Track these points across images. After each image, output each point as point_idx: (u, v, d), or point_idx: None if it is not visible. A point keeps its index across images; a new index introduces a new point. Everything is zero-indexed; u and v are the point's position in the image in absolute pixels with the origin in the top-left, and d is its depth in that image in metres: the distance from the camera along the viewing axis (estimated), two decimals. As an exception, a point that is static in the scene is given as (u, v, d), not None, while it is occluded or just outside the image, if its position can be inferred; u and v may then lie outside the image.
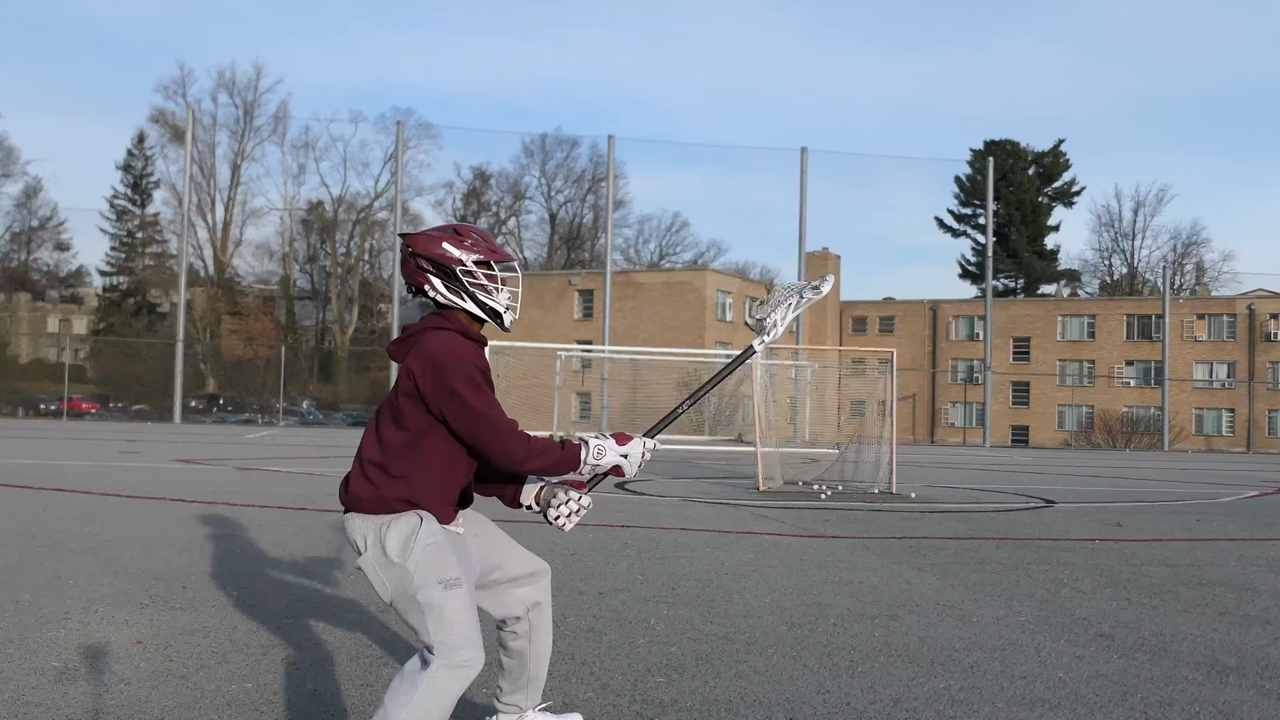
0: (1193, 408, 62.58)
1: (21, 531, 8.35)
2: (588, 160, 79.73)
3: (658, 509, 11.58)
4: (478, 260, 3.16)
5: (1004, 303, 67.12)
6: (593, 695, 4.17)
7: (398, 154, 50.22)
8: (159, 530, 8.63)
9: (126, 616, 5.38)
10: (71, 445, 22.19)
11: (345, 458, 20.18)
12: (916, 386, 64.79)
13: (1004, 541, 9.56)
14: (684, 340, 54.74)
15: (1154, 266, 77.47)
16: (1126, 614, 6.18)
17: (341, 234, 74.72)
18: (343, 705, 3.99)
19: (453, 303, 3.16)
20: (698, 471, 18.66)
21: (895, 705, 4.18)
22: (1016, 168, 74.92)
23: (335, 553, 7.66)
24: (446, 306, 3.18)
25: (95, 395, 53.60)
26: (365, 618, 5.50)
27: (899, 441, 17.23)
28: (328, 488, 13.13)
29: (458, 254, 3.14)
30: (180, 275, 45.28)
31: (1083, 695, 4.38)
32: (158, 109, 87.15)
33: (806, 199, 44.80)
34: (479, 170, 79.06)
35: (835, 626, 5.61)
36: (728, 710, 4.05)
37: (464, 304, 3.16)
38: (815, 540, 9.26)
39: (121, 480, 13.38)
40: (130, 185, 70.09)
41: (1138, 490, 17.66)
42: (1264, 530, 11.37)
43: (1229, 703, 4.34)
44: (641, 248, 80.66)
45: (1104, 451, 45.85)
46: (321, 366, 69.91)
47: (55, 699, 3.95)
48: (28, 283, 76.33)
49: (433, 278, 3.15)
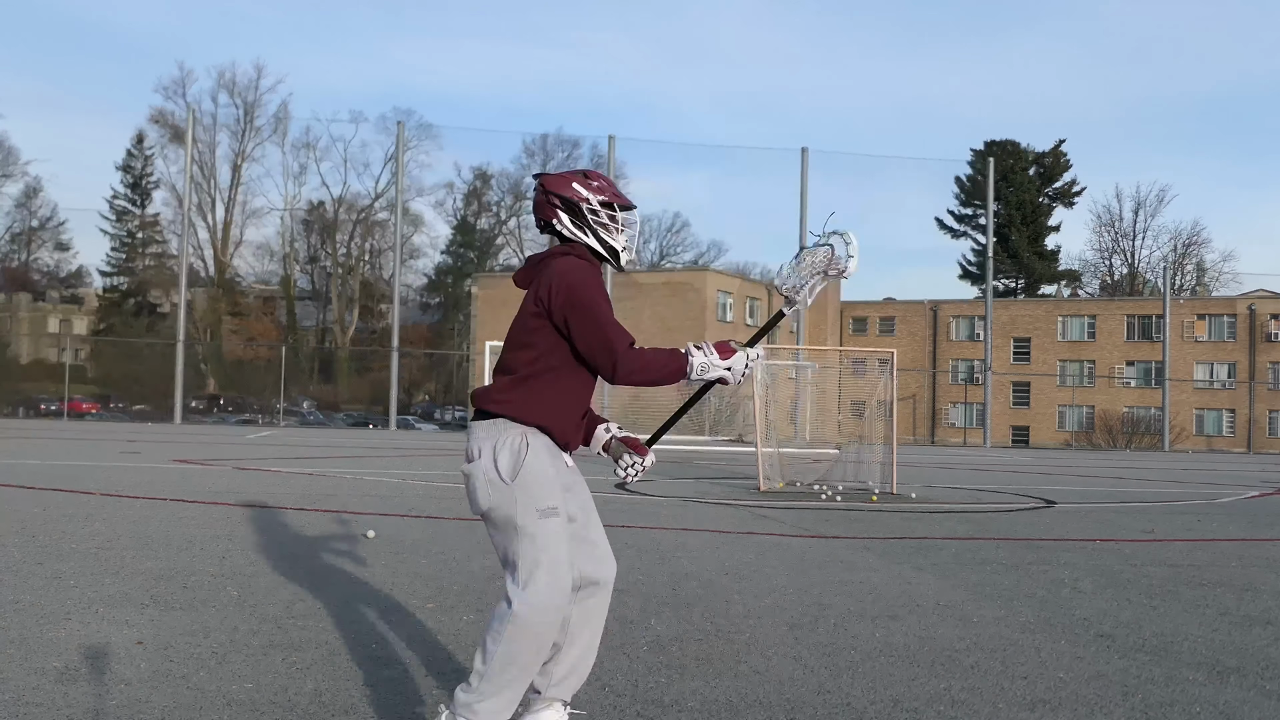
0: (1193, 408, 62.56)
1: (21, 531, 8.34)
2: (589, 161, 79.57)
3: (658, 509, 11.57)
4: (603, 201, 3.44)
5: (1004, 303, 67.11)
6: (593, 695, 4.17)
7: (398, 154, 50.25)
8: (159, 530, 8.63)
9: (126, 616, 5.37)
10: (72, 445, 22.19)
11: (345, 458, 20.18)
12: (917, 387, 64.75)
13: (1004, 542, 9.55)
14: (684, 340, 54.67)
15: (1154, 267, 77.45)
16: (1127, 614, 6.17)
17: (342, 234, 74.74)
18: (343, 705, 3.99)
19: (576, 237, 3.42)
20: (698, 471, 18.66)
21: (895, 706, 4.17)
22: (1017, 168, 74.89)
23: (335, 553, 7.65)
24: (570, 240, 3.43)
25: (96, 395, 53.61)
26: (365, 618, 5.50)
27: (899, 442, 17.23)
28: (328, 488, 13.13)
29: (585, 193, 3.43)
30: (180, 275, 45.29)
31: (1083, 696, 4.38)
32: (158, 109, 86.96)
33: (807, 199, 44.80)
34: (480, 170, 79.02)
35: (835, 627, 5.61)
36: (728, 710, 4.05)
37: (586, 239, 3.43)
38: (815, 540, 9.26)
39: (121, 480, 13.38)
40: (130, 185, 70.12)
41: (1138, 491, 17.65)
42: (1265, 530, 11.37)
43: (1230, 703, 4.33)
44: (642, 248, 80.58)
45: (1104, 452, 45.84)
46: (322, 367, 69.94)
47: (55, 699, 3.95)
48: (28, 283, 76.33)
49: (561, 213, 3.42)
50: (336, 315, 73.77)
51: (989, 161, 52.83)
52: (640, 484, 14.84)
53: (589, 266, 3.37)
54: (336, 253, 74.73)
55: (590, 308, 3.24)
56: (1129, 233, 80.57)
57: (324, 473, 15.93)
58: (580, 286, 3.25)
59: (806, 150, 44.80)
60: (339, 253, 74.93)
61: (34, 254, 76.64)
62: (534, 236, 78.23)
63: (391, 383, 44.45)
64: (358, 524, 9.31)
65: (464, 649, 4.81)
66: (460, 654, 4.76)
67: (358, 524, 9.31)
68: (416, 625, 5.36)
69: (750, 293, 63.43)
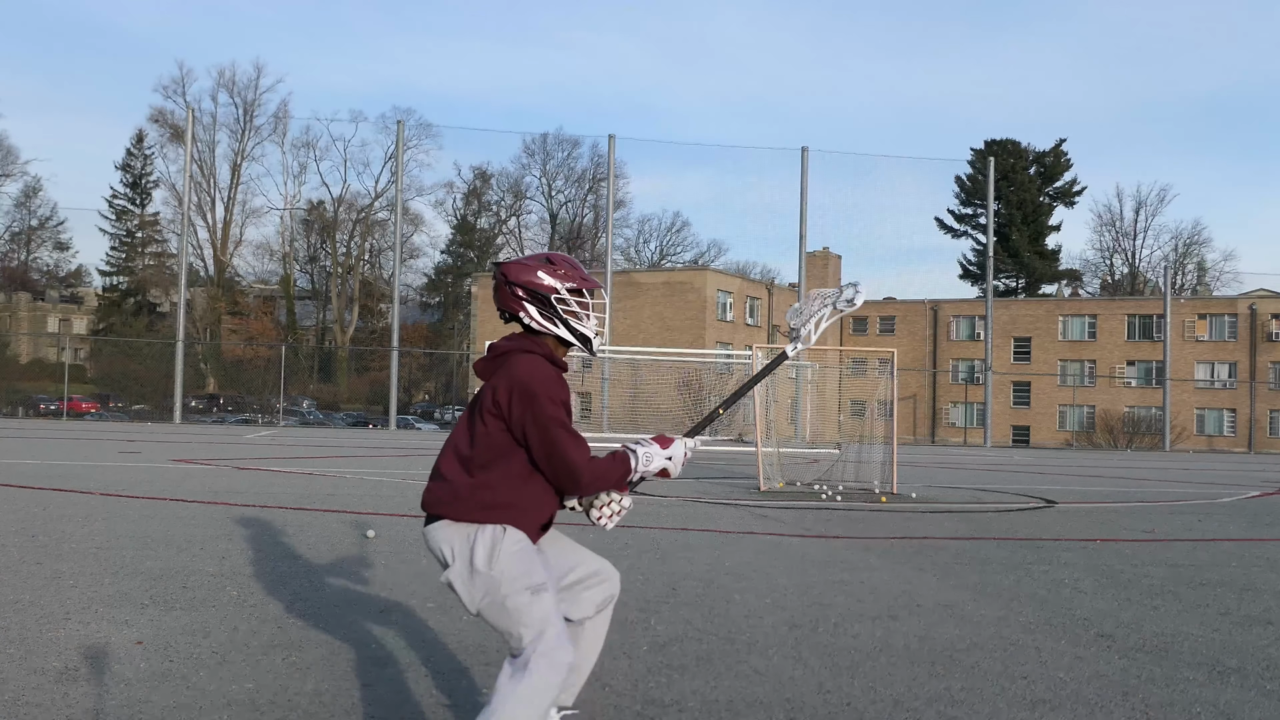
0: (1194, 408, 62.56)
1: (21, 531, 8.34)
2: (588, 160, 79.83)
3: (658, 509, 11.57)
4: (571, 288, 3.29)
5: (1005, 302, 67.09)
6: (594, 695, 4.17)
7: (398, 154, 50.21)
8: (159, 530, 8.63)
9: (126, 616, 5.37)
10: (71, 445, 22.19)
11: (345, 458, 20.17)
12: (917, 386, 64.78)
13: (1005, 542, 9.55)
14: (684, 340, 54.75)
15: (1155, 266, 77.54)
16: (1127, 614, 6.17)
17: (342, 234, 74.77)
18: (343, 705, 3.99)
19: (545, 329, 3.29)
20: (698, 471, 18.65)
21: (896, 705, 4.17)
22: (1017, 167, 74.89)
23: (335, 553, 7.65)
24: (537, 332, 3.30)
25: (95, 395, 53.57)
26: (365, 618, 5.50)
27: (900, 442, 17.22)
28: (327, 488, 13.13)
29: (552, 282, 3.27)
30: (180, 275, 45.23)
31: (1083, 695, 4.38)
32: (157, 109, 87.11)
33: (807, 199, 44.73)
34: (479, 170, 79.06)
35: (836, 627, 5.61)
36: (729, 710, 4.05)
37: (556, 330, 3.29)
38: (816, 540, 9.26)
39: (121, 480, 13.38)
40: (130, 185, 70.13)
41: (1139, 491, 17.65)
42: (1265, 530, 11.37)
43: (1230, 703, 4.33)
44: (642, 248, 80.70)
45: (1105, 452, 45.83)
46: (322, 366, 69.95)
47: (55, 699, 3.95)
48: (28, 283, 76.37)
49: (528, 304, 3.27)
50: (336, 315, 73.78)
51: (989, 161, 52.76)
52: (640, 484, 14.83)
53: (550, 372, 3.23)
54: (336, 252, 74.76)
55: (548, 419, 3.14)
56: (1130, 232, 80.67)
57: (324, 473, 15.92)
58: (539, 399, 3.14)
59: (806, 150, 44.76)
60: (339, 252, 74.97)
61: (33, 253, 76.72)
62: (533, 237, 78.31)
63: (391, 382, 44.42)
64: (358, 524, 9.31)
65: (464, 649, 4.80)
66: (460, 654, 4.75)
67: (358, 524, 9.31)
68: (416, 625, 5.35)
69: (750, 292, 63.41)
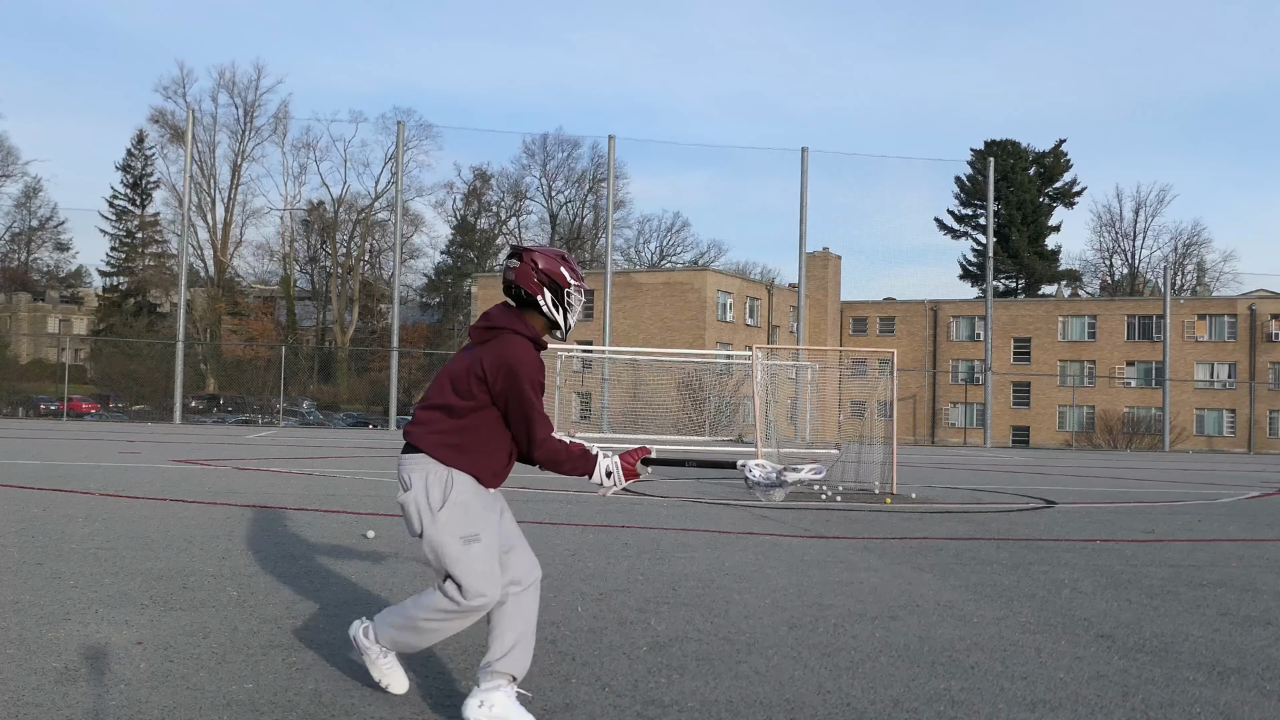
0: (1194, 408, 62.59)
1: (21, 531, 8.34)
2: (588, 161, 79.81)
3: (658, 509, 11.57)
4: (578, 285, 3.87)
5: (1005, 303, 67.12)
6: (593, 695, 4.17)
7: (398, 154, 50.23)
8: (159, 530, 8.63)
9: (126, 616, 5.37)
10: (71, 445, 22.19)
11: (345, 458, 20.18)
12: (917, 387, 64.78)
13: (1004, 542, 9.55)
14: (684, 340, 54.77)
15: (1155, 267, 77.57)
16: (1127, 615, 6.17)
17: (342, 234, 74.79)
18: (343, 705, 3.99)
19: (552, 315, 3.83)
20: (698, 471, 18.66)
21: (896, 706, 4.17)
22: (1017, 168, 74.93)
23: (335, 553, 7.65)
24: (531, 308, 3.81)
25: (95, 395, 53.57)
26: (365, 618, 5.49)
27: (899, 442, 17.22)
28: (327, 488, 13.13)
29: (569, 278, 3.84)
30: (180, 275, 45.25)
31: (1083, 696, 4.38)
32: (158, 109, 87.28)
33: (807, 199, 44.76)
34: (479, 170, 79.17)
35: (836, 627, 5.61)
36: (728, 710, 4.05)
37: (556, 316, 3.84)
38: (815, 541, 9.26)
39: (121, 480, 13.38)
40: (130, 185, 70.15)
41: (1138, 491, 17.65)
42: (1265, 531, 11.37)
43: (1230, 704, 4.33)
44: (642, 248, 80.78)
45: (1105, 452, 45.84)
46: (322, 367, 69.96)
47: (55, 699, 3.95)
48: (28, 283, 76.39)
49: (547, 291, 3.80)
50: (336, 315, 73.79)
51: (989, 161, 52.79)
52: (640, 485, 14.84)
53: (535, 356, 3.74)
54: (336, 253, 74.77)
55: (526, 399, 3.68)
56: (1129, 233, 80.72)
57: (324, 473, 15.93)
58: (523, 378, 3.67)
59: (806, 150, 44.78)
60: (339, 253, 74.98)
61: (34, 254, 76.76)
62: (533, 237, 78.30)
63: (391, 383, 44.44)
64: (358, 524, 9.31)
65: (464, 649, 4.80)
66: (460, 654, 4.75)
67: (358, 524, 9.31)
68: (416, 625, 5.35)
69: (750, 292, 63.41)
